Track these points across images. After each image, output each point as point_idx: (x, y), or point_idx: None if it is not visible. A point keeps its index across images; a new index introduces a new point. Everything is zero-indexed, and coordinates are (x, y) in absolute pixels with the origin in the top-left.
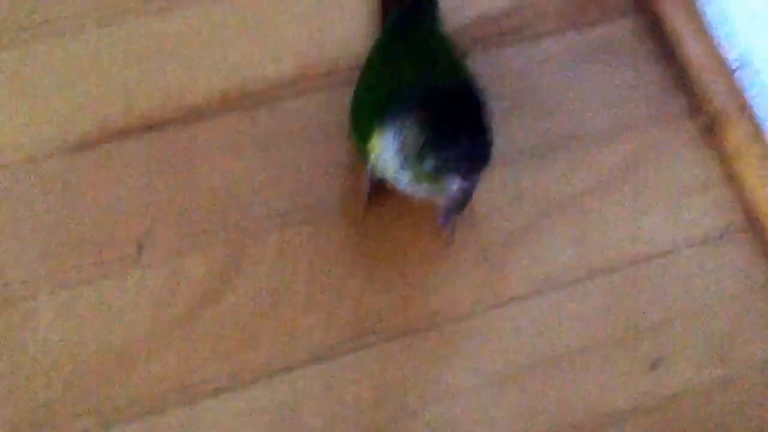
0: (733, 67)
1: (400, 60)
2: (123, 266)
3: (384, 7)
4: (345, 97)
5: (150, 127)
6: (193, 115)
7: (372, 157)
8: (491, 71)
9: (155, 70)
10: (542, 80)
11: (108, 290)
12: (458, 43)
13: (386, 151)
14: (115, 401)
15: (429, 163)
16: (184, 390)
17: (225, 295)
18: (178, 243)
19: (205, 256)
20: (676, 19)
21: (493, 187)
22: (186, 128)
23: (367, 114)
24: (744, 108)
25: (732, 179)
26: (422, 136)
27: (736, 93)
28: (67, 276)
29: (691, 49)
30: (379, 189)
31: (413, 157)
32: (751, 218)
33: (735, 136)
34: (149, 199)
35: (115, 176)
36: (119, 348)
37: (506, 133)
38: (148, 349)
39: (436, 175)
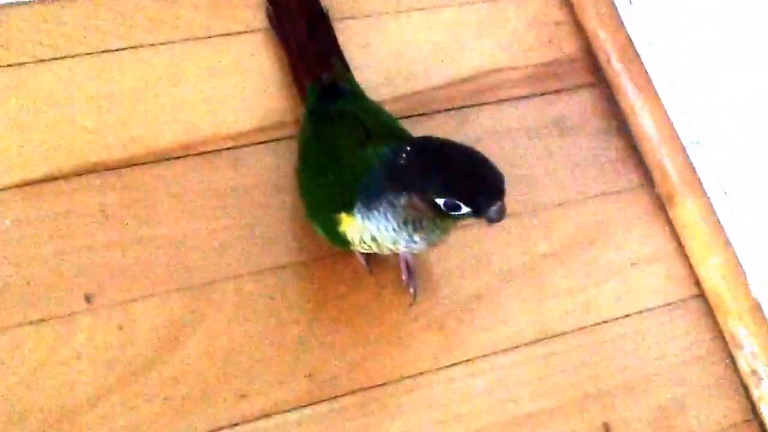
0: (685, 144)
1: (337, 143)
2: (70, 317)
3: (297, 77)
4: None
5: (109, 169)
6: (152, 162)
7: (352, 239)
8: (455, 134)
9: (114, 113)
10: (502, 147)
11: (53, 341)
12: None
13: (374, 227)
14: None
15: (470, 207)
16: None
17: (177, 351)
18: (129, 295)
19: (157, 310)
20: (632, 96)
21: (451, 253)
22: (145, 175)
23: (324, 202)
24: (695, 184)
25: (683, 251)
26: (447, 194)
27: (688, 169)
28: (10, 324)
29: (646, 125)
30: (343, 253)
31: (433, 216)
32: (700, 290)
33: (686, 210)
34: (102, 247)
35: (67, 221)
36: (62, 402)
37: None
38: (94, 404)
39: (477, 213)
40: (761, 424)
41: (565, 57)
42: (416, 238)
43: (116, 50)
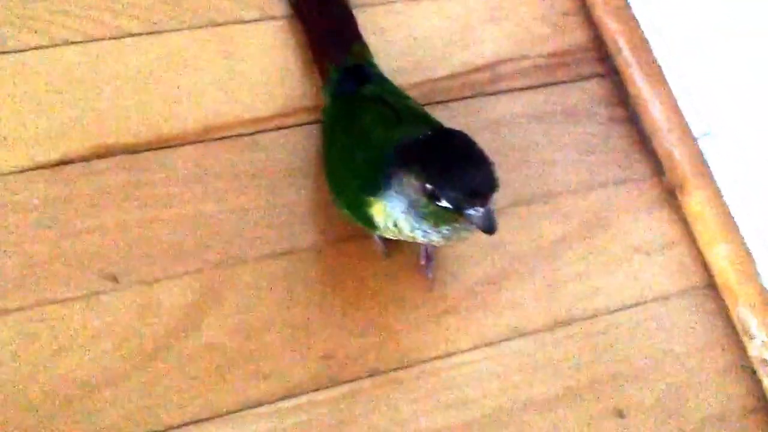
0: (695, 135)
1: (368, 126)
2: (93, 295)
3: (318, 60)
4: None
5: (130, 151)
6: (173, 145)
7: (378, 223)
8: (467, 123)
9: (135, 96)
10: (514, 136)
11: (78, 319)
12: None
13: (395, 213)
14: (78, 430)
15: (446, 200)
16: (151, 423)
17: (197, 330)
18: (151, 275)
19: (178, 290)
20: (642, 86)
21: None
22: (166, 158)
23: (353, 185)
24: (704, 173)
25: (692, 240)
26: (428, 179)
27: (698, 159)
28: (35, 301)
29: (656, 114)
30: (360, 237)
31: (427, 203)
32: (708, 278)
33: (695, 200)
34: (125, 226)
35: (90, 200)
36: (86, 379)
37: None
38: (117, 381)
39: (457, 209)
40: None
41: (576, 47)
42: (425, 226)
43: (137, 34)
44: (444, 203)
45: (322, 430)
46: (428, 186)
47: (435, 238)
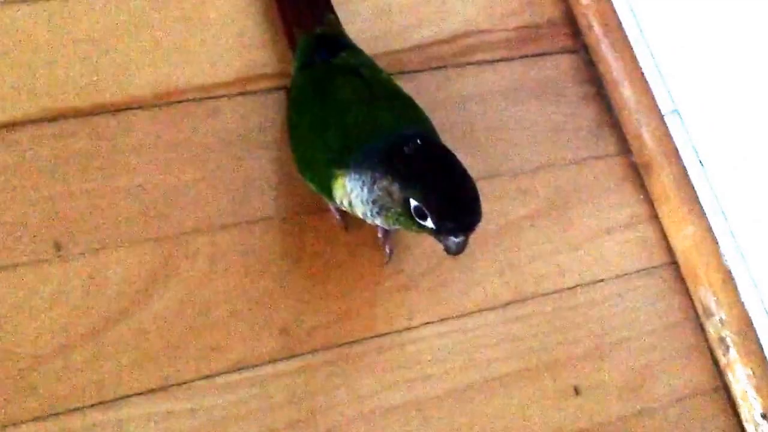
0: (663, 113)
1: (342, 98)
2: (39, 264)
3: (287, 27)
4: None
5: (80, 115)
6: (126, 109)
7: (337, 196)
8: (434, 95)
9: (87, 58)
10: (481, 109)
11: (23, 288)
12: (383, 65)
13: (352, 195)
14: (25, 401)
15: (435, 225)
16: (99, 394)
17: (149, 303)
18: (100, 245)
19: (129, 261)
20: (612, 62)
21: None
22: (117, 123)
23: (322, 157)
24: (671, 153)
25: (656, 219)
26: (423, 202)
27: (665, 138)
28: None
29: (625, 93)
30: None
31: (399, 212)
32: (673, 258)
33: (661, 179)
34: (73, 194)
35: (37, 166)
36: (32, 350)
37: None
38: (64, 353)
39: (438, 232)
40: (727, 390)
41: (547, 21)
42: (377, 221)
43: None
44: (427, 224)
45: (278, 403)
46: (414, 203)
47: (382, 225)
